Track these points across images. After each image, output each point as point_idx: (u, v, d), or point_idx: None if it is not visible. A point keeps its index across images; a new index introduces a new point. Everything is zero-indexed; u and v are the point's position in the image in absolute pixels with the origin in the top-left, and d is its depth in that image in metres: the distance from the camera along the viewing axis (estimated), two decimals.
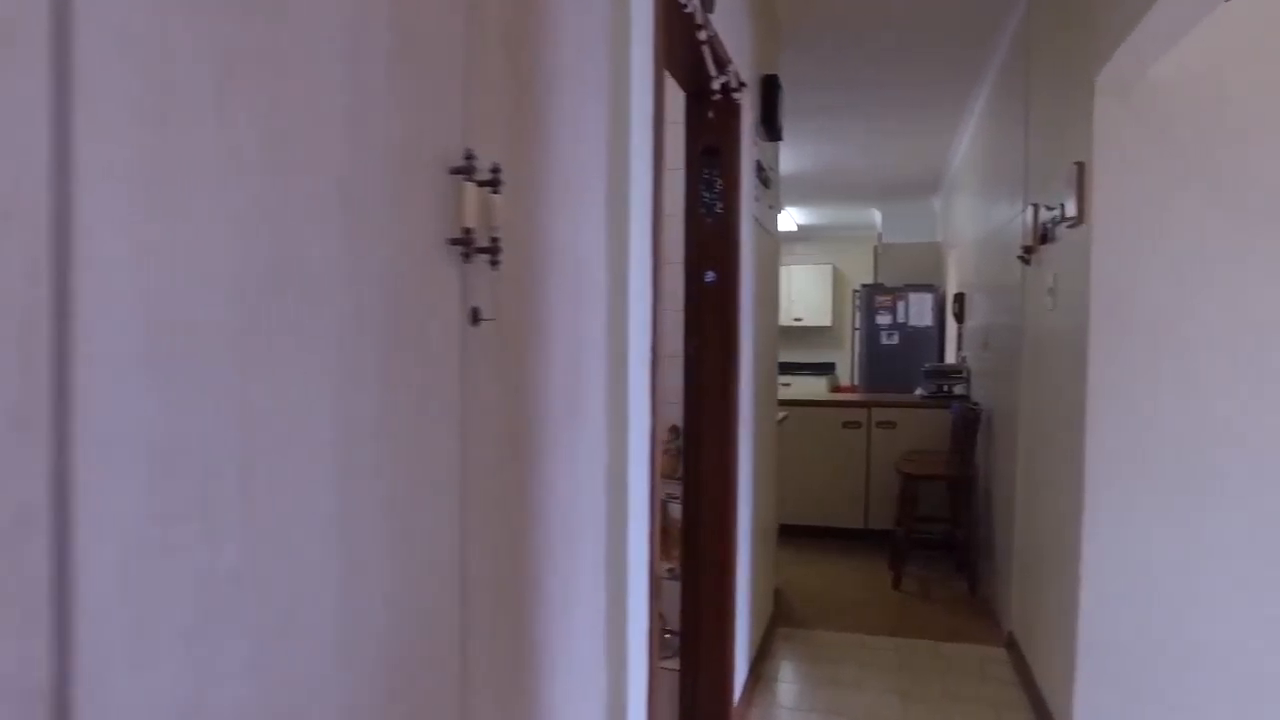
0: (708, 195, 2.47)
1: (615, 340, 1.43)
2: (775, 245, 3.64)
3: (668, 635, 2.56)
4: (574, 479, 1.27)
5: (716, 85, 2.23)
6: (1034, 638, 2.94)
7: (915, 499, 4.21)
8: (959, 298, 5.62)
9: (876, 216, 8.41)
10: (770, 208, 3.42)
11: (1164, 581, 2.22)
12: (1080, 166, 2.33)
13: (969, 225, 5.24)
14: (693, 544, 2.50)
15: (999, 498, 3.77)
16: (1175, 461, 2.21)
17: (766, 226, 3.26)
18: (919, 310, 6.73)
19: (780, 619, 3.67)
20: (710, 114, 2.43)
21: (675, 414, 2.58)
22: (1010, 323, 3.57)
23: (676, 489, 2.60)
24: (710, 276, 2.48)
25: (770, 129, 3.13)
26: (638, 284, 1.48)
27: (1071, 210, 2.39)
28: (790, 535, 5.08)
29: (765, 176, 3.17)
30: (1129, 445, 2.24)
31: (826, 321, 9.83)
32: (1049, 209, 2.73)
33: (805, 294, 9.88)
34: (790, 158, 5.82)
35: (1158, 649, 2.23)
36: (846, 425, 5.01)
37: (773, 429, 3.57)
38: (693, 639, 2.49)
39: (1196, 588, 2.20)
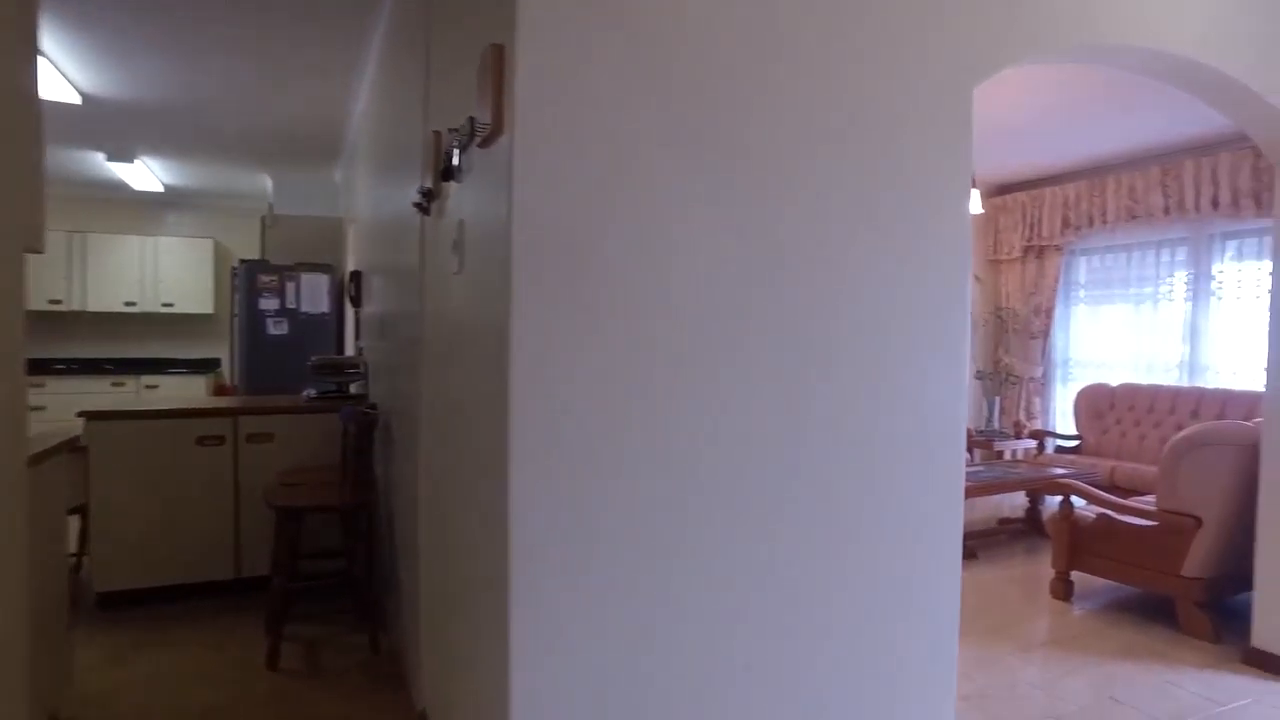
0: None
1: None
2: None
3: None
4: None
5: None
6: (454, 715, 2.16)
7: (298, 534, 3.12)
8: (355, 277, 4.72)
9: (268, 183, 6.99)
10: None
11: (631, 648, 1.61)
12: (499, 51, 1.57)
13: (368, 191, 4.37)
14: None
15: (403, 525, 2.95)
16: (646, 464, 1.61)
17: None
18: (314, 294, 5.63)
19: None
20: None
21: None
22: (409, 297, 2.77)
23: None
24: None
25: None
26: None
27: (485, 118, 1.62)
28: (125, 608, 3.50)
29: None
30: (576, 449, 1.56)
31: (207, 308, 7.96)
32: (455, 131, 1.95)
33: (178, 274, 7.84)
34: (136, 78, 4.13)
35: None
36: (202, 442, 3.63)
37: (17, 468, 2.07)
38: None
39: (660, 668, 1.64)
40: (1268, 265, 5.52)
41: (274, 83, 4.37)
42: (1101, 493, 3.78)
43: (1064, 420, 6.97)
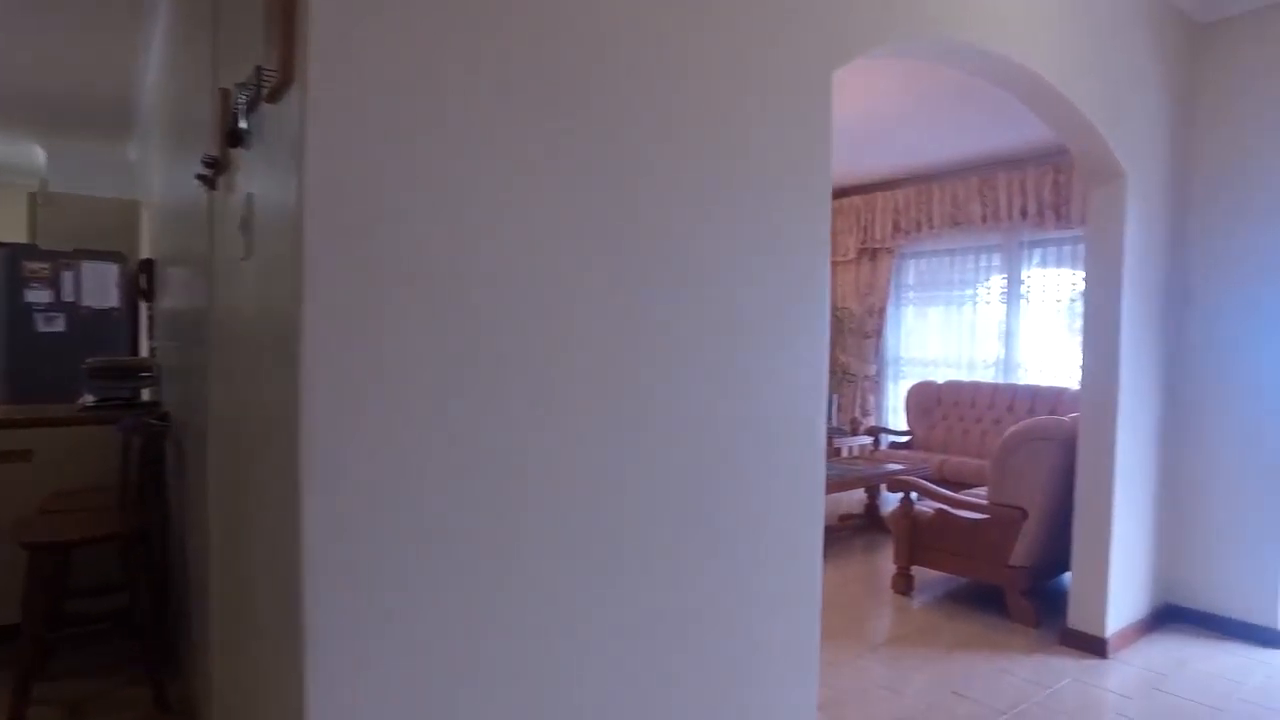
0: None
1: None
2: None
3: None
4: None
5: None
6: None
7: (59, 572, 2.59)
8: (147, 266, 4.09)
9: (39, 155, 6.02)
10: None
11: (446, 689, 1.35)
12: None
13: (161, 168, 3.78)
14: None
15: (195, 554, 2.50)
16: (465, 479, 1.35)
17: None
18: (99, 286, 4.86)
19: None
20: None
21: None
22: (197, 288, 2.35)
23: None
24: None
25: None
26: None
27: (272, 65, 1.31)
28: None
29: None
30: (383, 463, 1.28)
31: None
32: (243, 86, 1.60)
33: None
34: None
35: None
36: None
37: None
38: None
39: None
40: (1067, 272, 6.02)
41: (39, 32, 3.69)
42: (940, 489, 3.90)
43: (896, 416, 7.32)
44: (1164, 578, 3.61)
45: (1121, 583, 3.30)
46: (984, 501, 3.68)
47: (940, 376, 6.84)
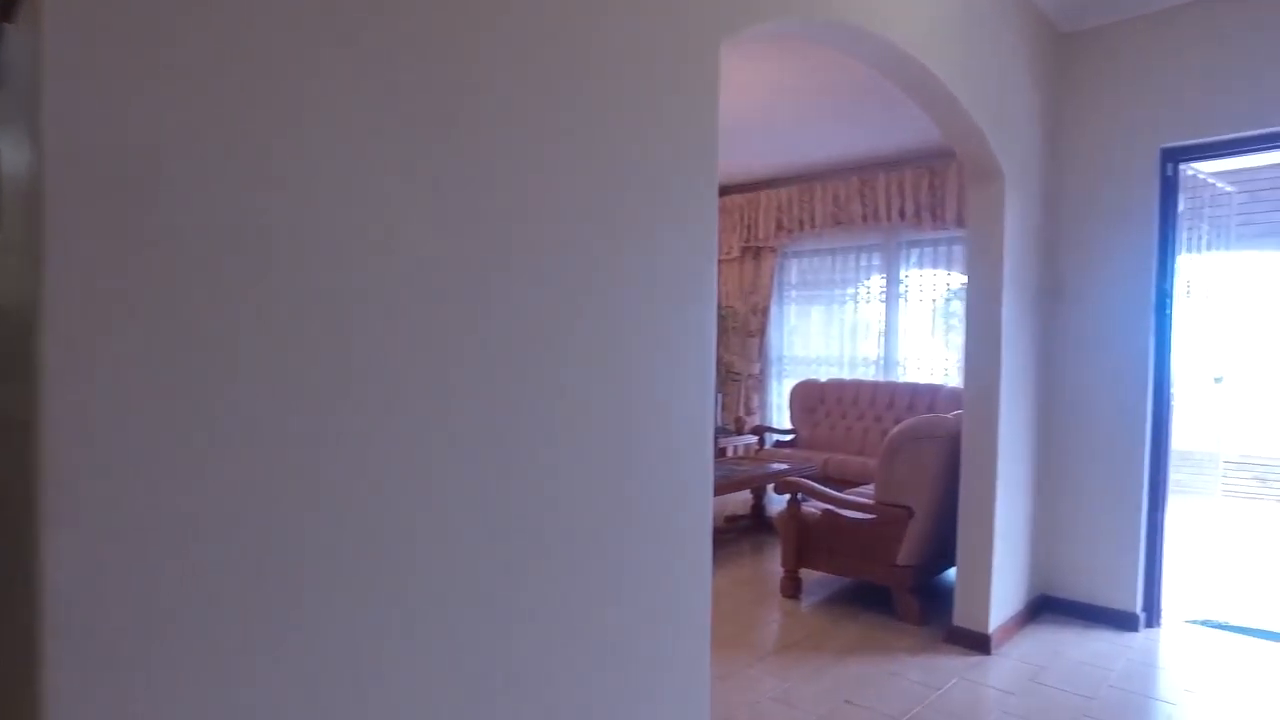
0: None
1: None
2: None
3: None
4: None
5: None
6: None
7: None
8: None
9: None
10: None
11: None
12: None
13: None
14: None
15: None
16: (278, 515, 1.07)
17: None
18: None
19: None
20: None
21: None
22: None
23: None
24: None
25: None
26: None
27: None
28: None
29: None
30: (150, 504, 0.99)
31: None
32: None
33: None
34: None
35: None
36: None
37: None
38: None
39: None
40: (942, 273, 6.20)
41: None
42: (827, 490, 3.84)
43: (780, 415, 7.36)
44: (1040, 570, 3.69)
45: (1003, 579, 3.33)
46: (870, 501, 3.65)
47: (823, 375, 6.91)
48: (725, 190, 7.47)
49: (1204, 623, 3.65)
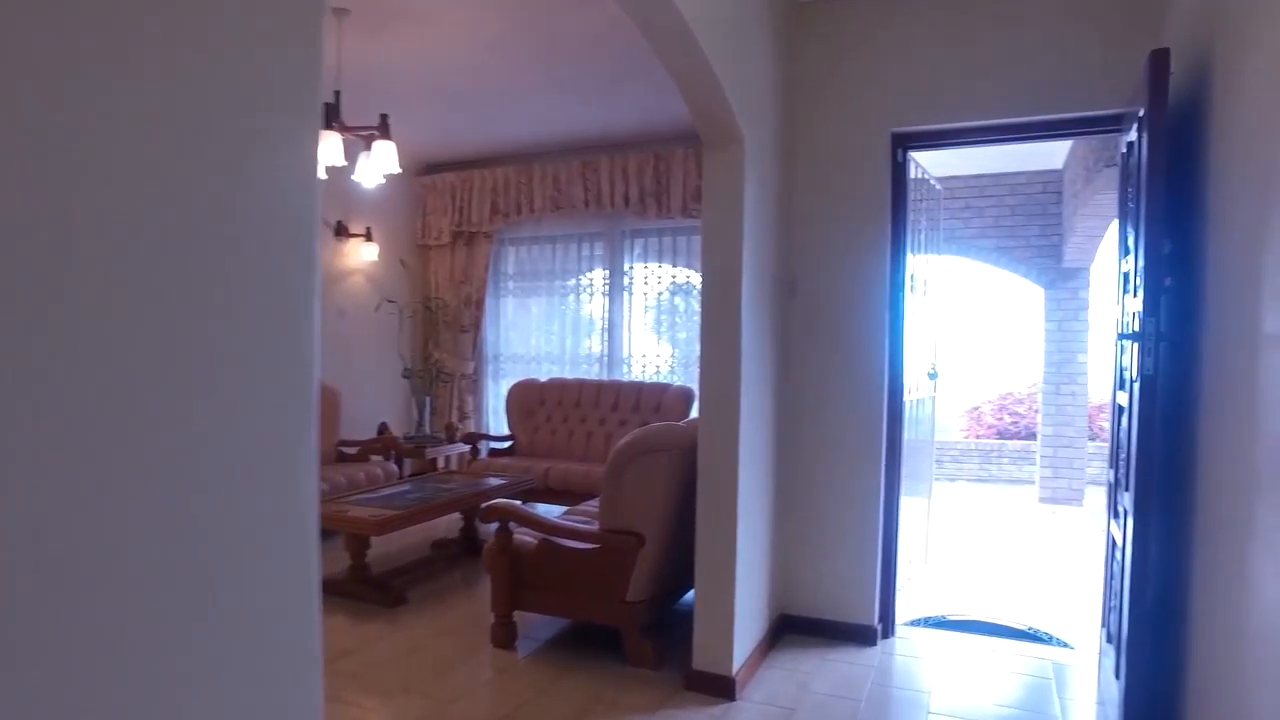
0: None
1: None
2: None
3: None
4: None
5: None
6: None
7: None
8: None
9: None
10: None
11: None
12: None
13: None
14: None
15: None
16: None
17: None
18: None
19: None
20: None
21: None
22: None
23: None
24: None
25: None
26: None
27: None
28: None
29: None
30: None
31: None
32: None
33: None
34: None
35: None
36: None
37: None
38: None
39: None
40: (668, 267, 5.88)
41: None
42: (543, 517, 3.19)
43: (498, 419, 6.62)
44: (780, 588, 3.36)
45: (747, 609, 2.91)
46: (594, 528, 3.05)
47: (544, 374, 6.30)
48: (435, 168, 6.55)
49: (934, 623, 3.58)
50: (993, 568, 4.64)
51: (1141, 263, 2.10)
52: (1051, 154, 5.99)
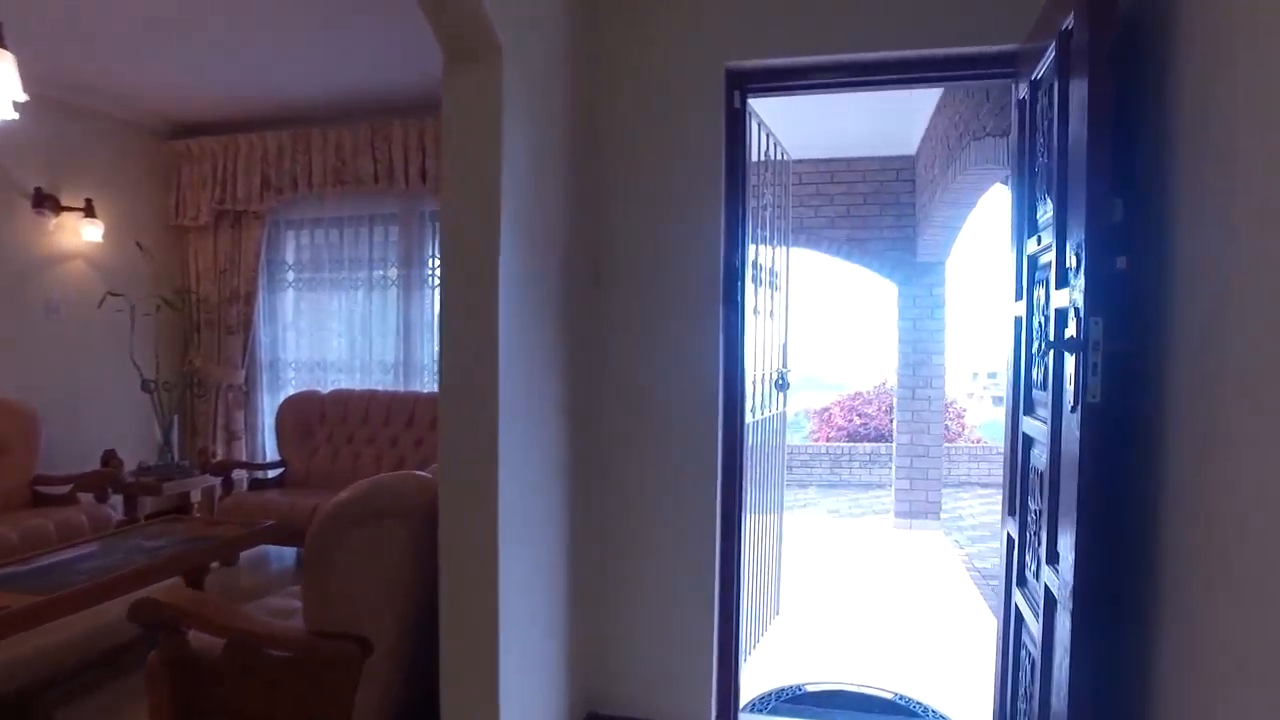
0: None
1: None
2: None
3: None
4: None
5: None
6: None
7: None
8: None
9: None
10: None
11: None
12: None
13: None
14: None
15: None
16: None
17: None
18: None
19: None
20: None
21: None
22: None
23: None
24: None
25: None
26: None
27: None
28: None
29: None
30: None
31: None
32: None
33: None
34: None
35: None
36: None
37: None
38: None
39: None
40: None
41: None
42: (231, 612, 2.15)
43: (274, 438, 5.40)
44: (584, 684, 2.49)
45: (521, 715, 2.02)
46: (297, 632, 2.05)
47: (331, 384, 5.17)
48: (191, 130, 5.25)
49: (788, 699, 2.84)
50: (852, 611, 4.01)
51: (1082, 236, 1.37)
52: (906, 138, 5.51)
